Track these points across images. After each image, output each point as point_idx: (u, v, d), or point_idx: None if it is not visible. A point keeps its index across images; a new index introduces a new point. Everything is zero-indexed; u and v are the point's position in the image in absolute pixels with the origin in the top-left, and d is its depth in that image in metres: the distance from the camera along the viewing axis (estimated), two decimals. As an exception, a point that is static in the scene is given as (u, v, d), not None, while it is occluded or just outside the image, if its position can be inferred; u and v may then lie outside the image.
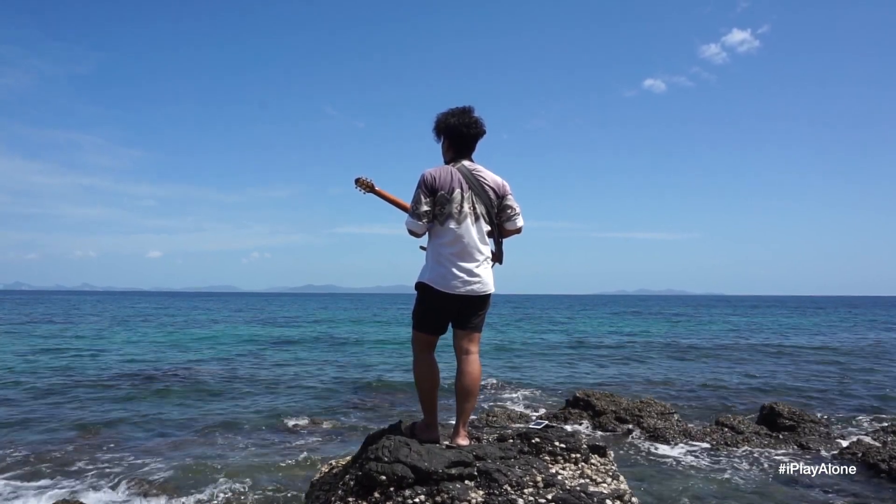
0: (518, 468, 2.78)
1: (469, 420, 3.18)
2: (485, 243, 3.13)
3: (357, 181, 3.62)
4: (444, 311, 3.11)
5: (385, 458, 2.73)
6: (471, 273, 3.05)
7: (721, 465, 6.03)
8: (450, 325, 3.18)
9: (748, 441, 6.77)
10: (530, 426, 3.34)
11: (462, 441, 3.07)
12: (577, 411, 7.78)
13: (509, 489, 2.65)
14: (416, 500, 2.61)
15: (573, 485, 2.77)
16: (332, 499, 2.88)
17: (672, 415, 7.56)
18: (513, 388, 10.84)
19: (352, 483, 2.81)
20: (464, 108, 3.17)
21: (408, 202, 3.20)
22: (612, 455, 3.23)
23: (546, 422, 4.42)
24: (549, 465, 2.94)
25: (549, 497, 2.63)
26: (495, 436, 3.34)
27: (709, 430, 7.16)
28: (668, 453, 6.44)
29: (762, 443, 6.77)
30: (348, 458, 3.45)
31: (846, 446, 6.33)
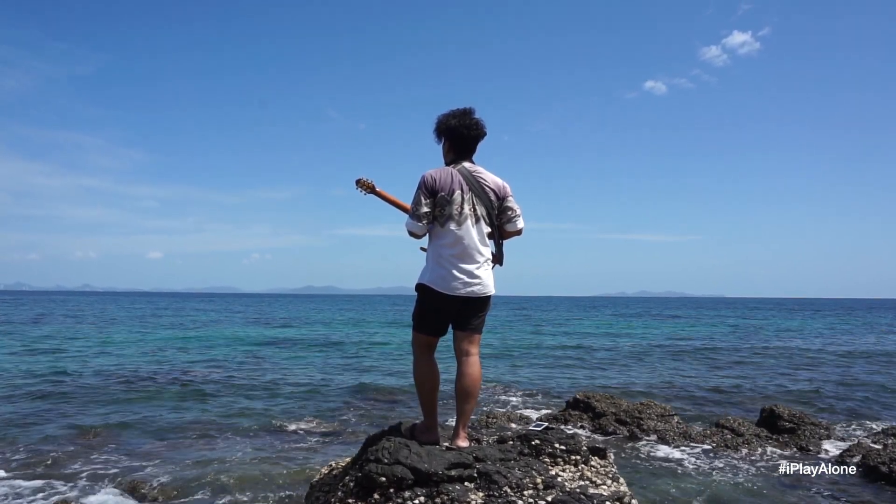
0: (518, 470, 2.78)
1: (469, 422, 3.18)
2: (485, 245, 3.14)
3: (358, 182, 3.63)
4: (444, 312, 3.11)
5: (385, 460, 2.73)
6: (471, 275, 3.05)
7: (721, 467, 6.02)
8: (450, 326, 3.19)
9: (748, 443, 6.77)
10: (530, 428, 3.34)
11: (462, 443, 3.07)
12: (577, 413, 7.78)
13: (509, 491, 2.65)
14: (416, 501, 2.61)
15: (573, 487, 2.77)
16: (332, 500, 2.88)
17: (672, 417, 7.55)
18: (512, 389, 10.84)
19: (351, 484, 2.81)
20: (464, 109, 3.17)
21: (408, 203, 3.20)
22: (612, 457, 3.23)
23: (546, 423, 4.42)
24: (549, 467, 2.94)
25: (549, 499, 2.62)
26: (495, 437, 3.34)
27: (709, 432, 7.16)
28: (669, 455, 6.44)
29: (762, 445, 6.76)
30: (348, 460, 3.45)
31: (846, 448, 6.33)
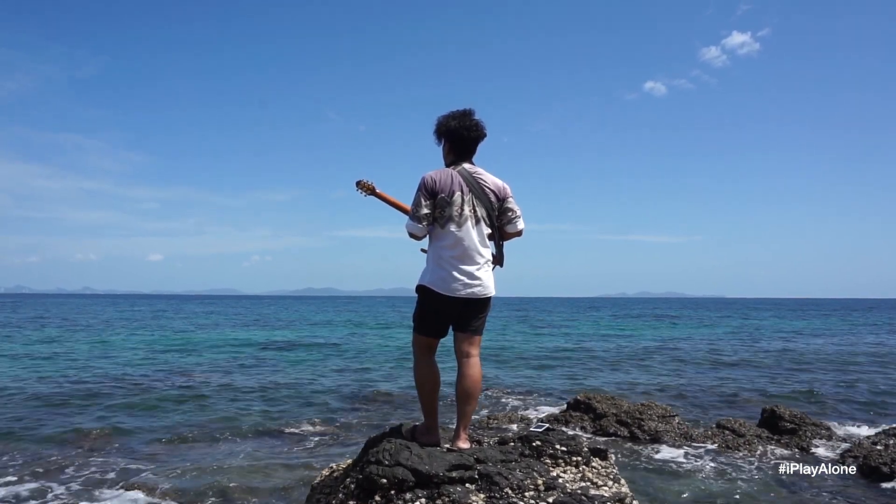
0: (519, 471, 2.78)
1: (470, 423, 3.18)
2: (485, 246, 3.14)
3: (358, 184, 3.63)
4: (444, 314, 3.11)
5: (386, 462, 2.73)
6: (471, 276, 3.05)
7: (722, 467, 6.02)
8: (450, 328, 3.19)
9: (749, 444, 6.76)
10: (531, 429, 3.34)
11: (463, 444, 3.07)
12: (577, 414, 7.77)
13: (510, 492, 2.64)
14: (417, 503, 2.61)
15: (574, 488, 2.76)
16: (333, 502, 2.88)
17: (673, 418, 7.54)
18: (513, 391, 10.83)
19: (352, 486, 2.81)
20: (464, 110, 3.17)
21: (408, 205, 3.20)
22: (614, 458, 3.22)
23: (547, 425, 4.42)
24: (550, 469, 2.93)
25: (550, 500, 2.62)
26: (496, 439, 3.34)
27: (710, 433, 7.15)
28: (670, 456, 6.43)
29: (763, 446, 6.75)
30: (349, 462, 3.44)
31: (847, 449, 6.32)
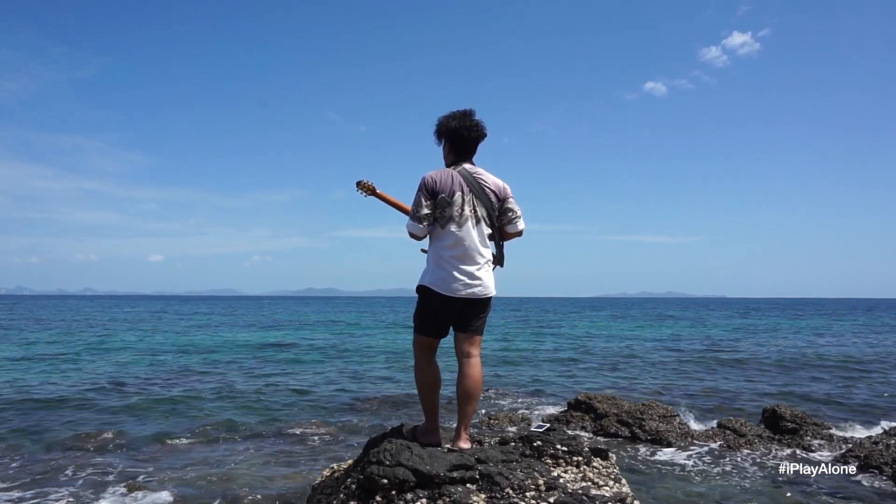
0: (520, 471, 2.77)
1: (470, 423, 3.17)
2: (486, 246, 3.14)
3: (358, 184, 3.63)
4: (445, 314, 3.11)
5: (387, 462, 2.73)
6: (472, 276, 3.05)
7: (723, 467, 6.01)
8: (451, 328, 3.18)
9: (750, 443, 6.76)
10: (532, 429, 3.34)
11: (464, 444, 3.07)
12: (578, 414, 7.77)
13: (511, 492, 2.64)
14: (418, 503, 2.61)
15: (575, 488, 2.76)
16: (334, 502, 2.88)
17: (674, 417, 7.54)
18: (514, 391, 10.83)
19: (353, 487, 2.81)
20: (465, 111, 3.17)
21: (409, 205, 3.20)
22: (614, 458, 3.22)
23: (548, 425, 4.41)
24: (551, 469, 2.93)
25: (552, 500, 2.62)
26: (497, 439, 3.34)
27: (711, 433, 7.15)
28: (670, 456, 6.43)
29: (764, 445, 6.75)
30: (350, 462, 3.44)
31: (849, 448, 6.31)
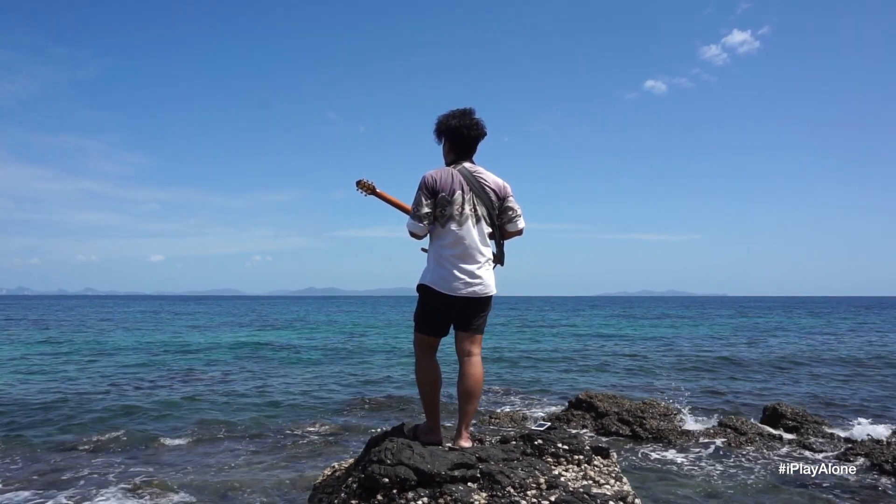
0: (521, 470, 2.77)
1: (471, 422, 3.17)
2: (486, 245, 3.13)
3: (358, 184, 3.63)
4: (445, 312, 3.11)
5: (388, 461, 2.73)
6: (472, 275, 3.05)
7: (724, 466, 6.01)
8: (452, 327, 3.18)
9: (751, 442, 6.76)
10: (533, 428, 3.34)
11: (465, 443, 3.07)
12: (579, 413, 7.77)
13: (512, 491, 2.64)
14: (419, 502, 2.61)
15: (576, 486, 2.76)
16: (335, 502, 2.88)
17: (675, 416, 7.54)
18: (514, 390, 10.83)
19: (354, 486, 2.81)
20: (464, 109, 3.17)
21: (409, 204, 3.20)
22: (615, 456, 3.22)
23: (549, 423, 4.41)
24: (552, 467, 2.93)
25: (553, 499, 2.62)
26: (498, 438, 3.34)
27: (712, 431, 7.16)
28: (672, 455, 6.43)
29: (765, 443, 6.75)
30: (351, 461, 3.44)
31: (850, 447, 6.31)
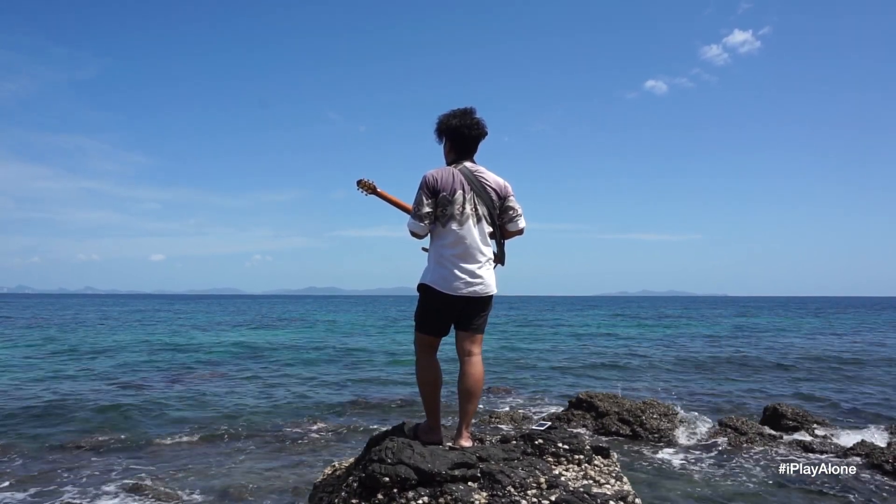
0: (521, 469, 2.77)
1: (472, 421, 3.18)
2: (487, 245, 3.13)
3: (359, 183, 3.63)
4: (446, 312, 3.11)
5: (388, 460, 2.73)
6: (473, 274, 3.05)
7: (725, 465, 6.01)
8: (452, 326, 3.18)
9: (752, 442, 6.76)
10: (533, 427, 3.34)
11: (465, 442, 3.07)
12: (579, 413, 7.77)
13: (512, 490, 2.64)
14: (420, 501, 2.61)
15: (576, 486, 2.76)
16: (335, 501, 2.88)
17: (675, 416, 7.54)
18: (515, 389, 10.83)
19: (355, 485, 2.81)
20: (465, 109, 3.17)
21: (410, 204, 3.20)
22: (616, 456, 3.22)
23: (549, 423, 4.42)
24: (553, 467, 2.93)
25: (553, 498, 2.62)
26: (498, 437, 3.34)
27: (712, 431, 7.16)
28: (672, 454, 6.43)
29: (766, 443, 6.75)
30: (351, 460, 3.44)
31: (850, 447, 6.31)
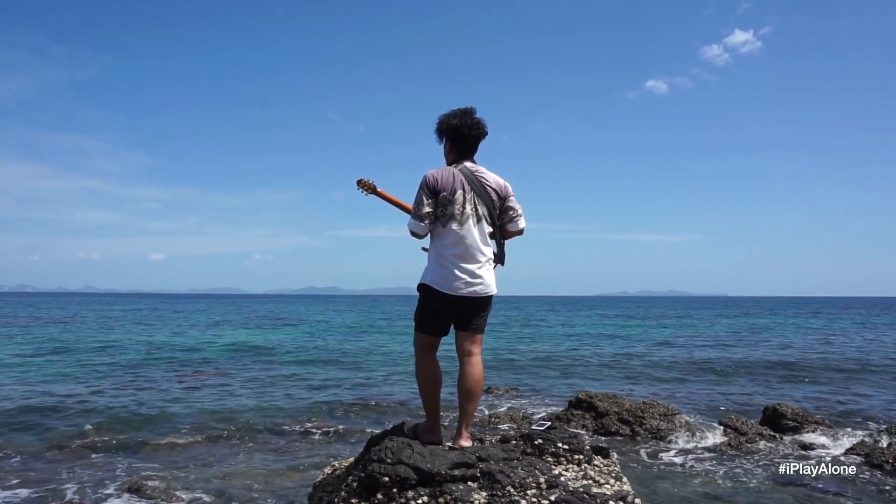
0: (521, 469, 2.78)
1: (471, 421, 3.17)
2: (487, 245, 3.13)
3: (359, 183, 3.63)
4: (445, 312, 3.11)
5: (388, 460, 2.73)
6: (473, 274, 3.05)
7: (724, 466, 6.01)
8: (452, 326, 3.18)
9: (752, 442, 6.76)
10: (533, 427, 3.34)
11: (465, 442, 3.07)
12: (579, 413, 7.77)
13: (512, 490, 2.64)
14: (419, 501, 2.61)
15: (576, 486, 2.76)
16: (335, 500, 2.88)
17: (675, 416, 7.54)
18: (515, 389, 10.83)
19: (354, 484, 2.81)
20: (465, 109, 3.17)
21: (410, 204, 3.20)
22: (615, 456, 3.22)
23: (549, 423, 4.42)
24: (552, 467, 2.93)
25: (553, 499, 2.62)
26: (498, 437, 3.34)
27: (712, 432, 7.15)
28: (672, 454, 6.43)
29: (766, 443, 6.75)
30: (351, 460, 3.44)
31: (850, 447, 6.31)
